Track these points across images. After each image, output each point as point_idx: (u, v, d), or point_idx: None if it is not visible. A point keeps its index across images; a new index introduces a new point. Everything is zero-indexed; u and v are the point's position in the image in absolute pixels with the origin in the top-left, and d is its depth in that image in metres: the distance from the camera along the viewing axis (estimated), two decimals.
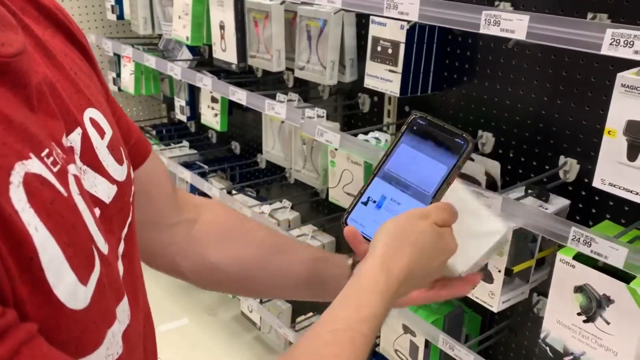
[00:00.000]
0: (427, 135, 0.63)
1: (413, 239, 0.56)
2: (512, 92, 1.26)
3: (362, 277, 0.54)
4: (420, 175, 0.63)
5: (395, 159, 0.65)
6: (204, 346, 2.19)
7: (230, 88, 1.54)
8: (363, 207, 0.65)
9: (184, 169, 1.94)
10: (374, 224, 0.61)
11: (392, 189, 0.64)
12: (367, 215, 0.64)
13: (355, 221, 0.65)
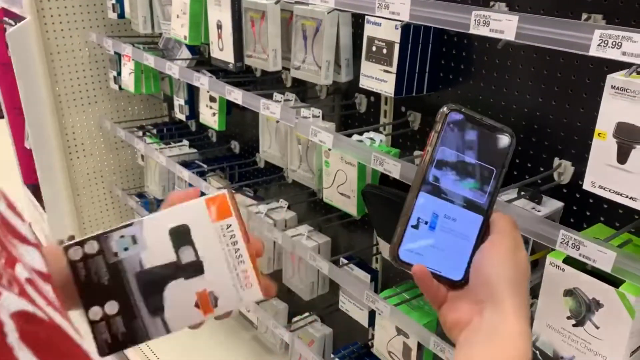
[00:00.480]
0: (467, 133, 0.56)
1: (524, 281, 0.54)
2: (507, 93, 1.25)
3: (505, 348, 0.50)
4: (469, 181, 0.56)
5: (438, 166, 0.56)
6: (202, 344, 2.20)
7: (226, 87, 1.54)
8: (414, 232, 0.56)
9: (183, 168, 1.95)
10: (434, 252, 0.56)
11: (442, 204, 0.56)
12: (421, 242, 0.56)
13: (411, 252, 0.56)
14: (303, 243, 1.48)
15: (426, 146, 0.56)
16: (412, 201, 0.56)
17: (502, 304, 0.51)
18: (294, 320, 1.82)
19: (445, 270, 0.56)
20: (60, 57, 2.31)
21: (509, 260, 0.53)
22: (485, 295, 0.52)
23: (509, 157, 0.56)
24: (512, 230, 0.55)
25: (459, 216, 0.56)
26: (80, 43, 2.32)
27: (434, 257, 0.55)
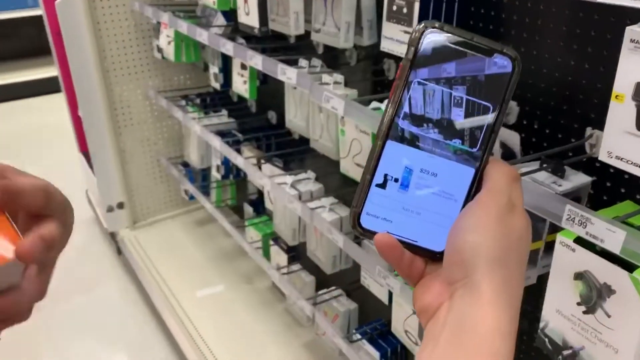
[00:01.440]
0: (451, 58, 0.43)
1: (517, 254, 0.41)
2: (537, 55, 1.13)
3: (474, 351, 0.38)
4: (456, 123, 0.43)
5: (412, 105, 0.43)
6: (236, 313, 2.22)
7: (248, 53, 1.50)
8: (380, 192, 0.44)
9: (215, 137, 1.94)
10: (407, 216, 0.44)
11: (418, 154, 0.44)
12: (390, 204, 0.44)
13: (376, 218, 0.44)
14: (321, 216, 1.43)
15: (395, 80, 0.44)
16: (376, 153, 0.43)
17: (477, 287, 0.39)
18: (320, 294, 1.79)
19: (422, 239, 0.44)
20: (107, 27, 2.35)
21: (496, 227, 0.40)
22: (459, 274, 0.40)
23: (510, 89, 0.44)
24: (507, 185, 0.43)
25: (441, 170, 0.44)
26: (125, 12, 2.36)
27: (407, 223, 0.44)
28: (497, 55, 0.43)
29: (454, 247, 0.41)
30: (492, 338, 0.38)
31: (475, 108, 0.44)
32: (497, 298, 0.39)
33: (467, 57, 0.43)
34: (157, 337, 2.29)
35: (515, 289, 0.41)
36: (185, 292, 2.35)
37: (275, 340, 2.04)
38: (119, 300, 2.54)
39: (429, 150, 0.44)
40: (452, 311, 0.40)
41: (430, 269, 0.45)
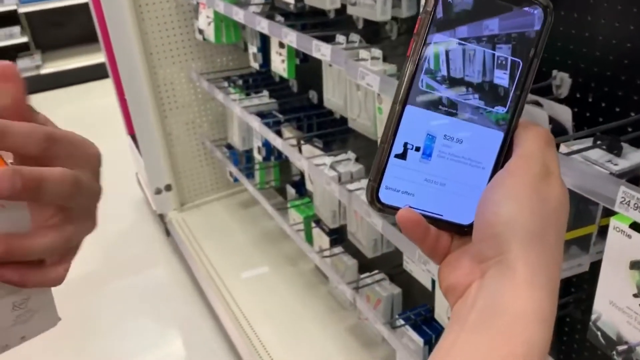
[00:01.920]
0: (474, 10, 0.38)
1: (554, 226, 0.36)
2: (592, 21, 1.03)
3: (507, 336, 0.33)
4: (481, 82, 0.39)
5: (433, 64, 0.39)
6: (280, 295, 2.21)
7: (283, 30, 1.45)
8: (400, 163, 0.39)
9: (255, 118, 1.91)
10: (430, 188, 0.39)
11: (441, 119, 0.39)
12: (411, 176, 0.40)
13: (396, 191, 0.40)
14: (361, 198, 1.38)
15: (413, 37, 0.39)
16: (395, 119, 0.39)
17: (511, 265, 0.34)
18: (362, 277, 1.74)
19: (448, 213, 0.40)
20: (148, 9, 2.35)
21: (531, 197, 0.35)
22: (491, 251, 0.35)
23: (542, 42, 0.39)
24: (539, 149, 0.37)
25: (466, 135, 0.39)
26: None
27: (431, 196, 0.39)
28: (526, 4, 0.38)
29: (484, 221, 0.36)
30: (527, 323, 0.33)
31: (502, 64, 0.39)
32: (533, 278, 0.34)
33: (492, 8, 0.38)
34: (204, 317, 2.32)
35: (554, 268, 0.36)
36: (230, 273, 2.36)
37: (318, 323, 2.02)
38: (168, 280, 2.58)
39: (453, 114, 0.39)
40: (482, 292, 0.35)
41: (456, 244, 0.41)
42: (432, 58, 0.39)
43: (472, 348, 0.33)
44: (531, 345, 0.33)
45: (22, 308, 0.44)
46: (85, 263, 2.77)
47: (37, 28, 5.24)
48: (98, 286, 2.55)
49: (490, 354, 0.32)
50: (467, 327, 0.34)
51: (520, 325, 0.33)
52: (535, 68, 0.39)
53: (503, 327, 0.33)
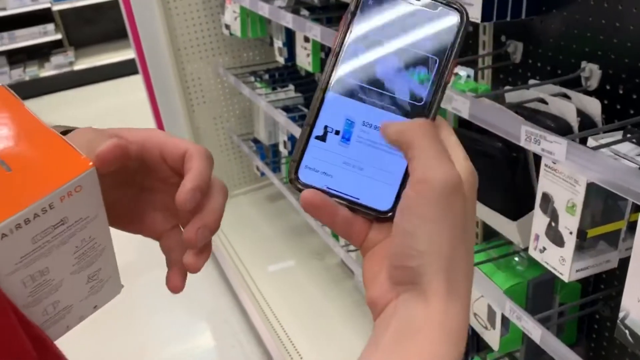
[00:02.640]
0: (396, 9, 0.41)
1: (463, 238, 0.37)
2: (622, 11, 0.99)
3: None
4: (399, 75, 0.41)
5: (352, 56, 0.41)
6: (306, 289, 2.22)
7: (307, 24, 1.45)
8: (320, 144, 0.41)
9: (280, 112, 1.91)
10: (349, 171, 0.41)
11: (360, 107, 0.41)
12: (330, 158, 0.41)
13: (315, 171, 0.41)
14: None
15: (339, 29, 0.42)
16: (317, 104, 0.41)
17: (423, 292, 0.35)
18: None
19: (365, 197, 0.41)
20: (176, 5, 2.38)
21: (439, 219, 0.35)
22: (405, 278, 0.36)
23: (458, 43, 0.41)
24: (437, 151, 0.36)
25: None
26: None
27: (349, 179, 0.41)
28: (442, 7, 0.41)
29: (400, 252, 0.37)
30: (435, 343, 0.35)
31: (419, 61, 0.41)
32: (442, 302, 0.35)
33: (411, 10, 0.41)
34: (231, 309, 2.35)
35: (463, 284, 0.37)
36: (257, 266, 2.38)
37: (344, 317, 2.02)
38: (197, 274, 2.61)
39: (371, 103, 0.41)
40: (395, 315, 0.37)
41: (376, 231, 0.41)
42: (353, 52, 0.41)
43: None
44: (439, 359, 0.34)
45: (95, 279, 0.47)
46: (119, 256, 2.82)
47: (71, 25, 5.36)
48: (130, 279, 2.60)
49: None
50: (380, 348, 0.36)
51: (429, 345, 0.34)
52: (452, 68, 0.41)
53: (413, 349, 0.35)
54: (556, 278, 1.19)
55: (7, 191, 0.37)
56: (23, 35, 4.93)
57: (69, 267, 0.43)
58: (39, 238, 0.39)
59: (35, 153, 0.40)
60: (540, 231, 0.92)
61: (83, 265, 0.45)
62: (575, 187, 0.82)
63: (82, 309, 0.49)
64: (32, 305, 0.42)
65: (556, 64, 1.17)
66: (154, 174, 0.47)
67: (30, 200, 0.37)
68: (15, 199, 0.37)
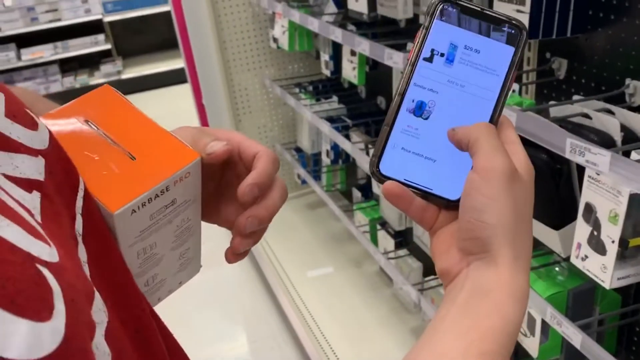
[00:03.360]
0: (464, 28, 0.48)
1: (525, 219, 0.43)
2: None
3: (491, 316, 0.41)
4: (466, 87, 0.48)
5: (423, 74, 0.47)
6: (345, 296, 2.27)
7: (356, 39, 1.52)
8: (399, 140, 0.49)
9: (325, 122, 1.99)
10: (423, 164, 0.48)
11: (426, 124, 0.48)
12: (407, 154, 0.48)
13: (391, 164, 0.48)
14: None
15: (413, 45, 0.49)
16: (395, 108, 0.48)
17: (495, 260, 0.42)
18: (427, 280, 1.78)
19: (437, 187, 0.47)
20: (227, 19, 2.49)
21: (504, 198, 0.42)
22: (476, 249, 0.43)
23: (518, 55, 0.47)
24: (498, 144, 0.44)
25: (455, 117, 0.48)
26: (244, 4, 2.48)
27: (423, 171, 0.47)
28: (506, 25, 0.47)
29: (469, 226, 0.43)
30: (503, 302, 0.41)
31: (485, 75, 0.47)
32: (510, 267, 0.42)
33: (479, 27, 0.47)
34: (271, 312, 2.42)
35: (525, 254, 0.43)
36: (297, 271, 2.44)
37: (382, 324, 2.07)
38: (238, 277, 2.71)
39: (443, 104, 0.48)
40: (468, 279, 0.43)
41: (444, 217, 0.48)
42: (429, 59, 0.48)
43: (460, 321, 0.41)
44: (507, 320, 0.41)
45: (184, 257, 0.55)
46: None
47: (119, 36, 5.59)
48: None
49: (474, 326, 0.40)
50: (456, 305, 0.42)
51: (499, 304, 0.41)
52: (512, 80, 0.48)
53: (485, 306, 0.41)
54: (596, 288, 1.22)
55: (135, 176, 0.45)
56: (76, 44, 5.17)
57: (169, 244, 0.50)
58: (155, 215, 0.46)
59: (152, 145, 0.48)
60: (583, 240, 0.96)
61: (179, 243, 0.52)
62: (618, 197, 0.86)
63: (171, 284, 0.56)
64: (139, 276, 0.50)
65: (600, 80, 1.21)
66: (231, 171, 0.54)
67: (153, 183, 0.45)
68: (141, 182, 0.45)
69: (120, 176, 0.45)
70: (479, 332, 0.40)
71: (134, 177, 0.45)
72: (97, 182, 0.43)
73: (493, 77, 0.47)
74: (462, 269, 0.44)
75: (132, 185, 0.44)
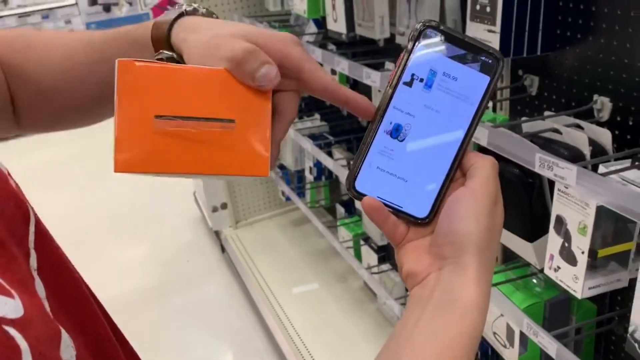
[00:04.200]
0: (444, 54, 0.50)
1: (496, 240, 0.47)
2: (630, 49, 1.08)
3: (456, 321, 0.43)
4: (442, 108, 0.50)
5: (402, 98, 0.50)
6: (330, 311, 2.28)
7: (335, 59, 1.55)
8: (374, 160, 0.51)
9: (307, 139, 2.01)
10: (395, 183, 0.50)
11: (410, 126, 0.51)
12: (381, 173, 0.50)
13: (366, 182, 0.51)
14: None
15: (395, 68, 0.51)
16: (372, 130, 0.50)
17: (466, 267, 0.44)
18: None
19: (407, 205, 0.50)
20: None
21: (486, 216, 0.45)
22: (451, 252, 0.45)
23: (494, 83, 0.50)
24: (494, 177, 0.48)
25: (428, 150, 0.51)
26: None
27: (395, 190, 0.50)
28: (484, 54, 0.50)
29: (449, 230, 0.46)
30: (473, 310, 0.43)
31: (462, 96, 0.50)
32: (479, 278, 0.45)
33: (459, 53, 0.50)
34: (256, 330, 2.42)
35: (490, 271, 0.47)
36: (282, 288, 2.45)
37: (367, 339, 2.08)
38: (223, 295, 2.70)
39: (418, 132, 0.50)
40: (440, 283, 0.45)
41: (412, 233, 0.50)
42: (409, 83, 0.50)
43: (432, 327, 0.43)
44: (474, 327, 0.43)
45: None
46: (147, 276, 2.94)
47: None
48: (158, 299, 2.70)
49: (446, 331, 0.42)
50: (427, 310, 0.44)
51: (469, 312, 0.43)
52: (486, 102, 0.50)
53: (456, 312, 0.43)
54: (572, 299, 1.25)
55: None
56: None
57: None
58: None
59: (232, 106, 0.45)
60: (555, 251, 0.99)
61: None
62: (586, 209, 0.90)
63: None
64: None
65: (570, 96, 1.25)
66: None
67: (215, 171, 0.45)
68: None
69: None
70: (450, 336, 0.42)
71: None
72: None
73: (467, 105, 0.50)
74: (432, 272, 0.46)
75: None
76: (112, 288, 2.77)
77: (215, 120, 0.44)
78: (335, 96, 0.50)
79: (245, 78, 0.45)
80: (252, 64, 0.44)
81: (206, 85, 0.44)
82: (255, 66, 0.45)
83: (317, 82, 0.49)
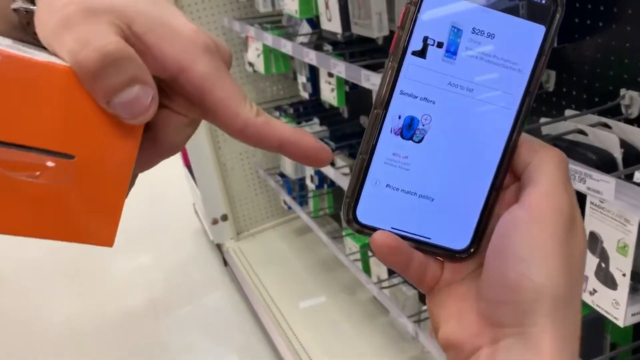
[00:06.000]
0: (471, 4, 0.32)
1: (580, 287, 0.31)
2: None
3: None
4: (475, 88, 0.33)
5: (412, 77, 0.33)
6: (339, 325, 2.17)
7: (331, 61, 1.44)
8: (380, 176, 0.34)
9: None
10: (416, 205, 0.34)
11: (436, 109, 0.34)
12: (393, 195, 0.34)
13: (377, 210, 0.34)
14: None
15: (397, 33, 0.33)
16: (373, 132, 0.33)
17: (535, 341, 0.29)
18: (424, 309, 1.68)
19: (436, 235, 0.34)
20: None
21: (560, 254, 0.29)
22: (510, 318, 0.29)
23: (548, 43, 0.33)
24: (565, 184, 0.31)
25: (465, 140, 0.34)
26: (217, 28, 2.39)
27: (416, 213, 0.34)
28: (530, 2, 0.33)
29: (505, 280, 0.30)
30: None
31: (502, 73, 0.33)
32: (561, 354, 0.29)
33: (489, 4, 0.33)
34: (261, 345, 2.30)
35: (575, 340, 0.30)
36: (286, 301, 2.34)
37: (378, 355, 1.96)
38: (226, 309, 2.59)
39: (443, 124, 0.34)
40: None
41: (449, 271, 0.34)
42: (421, 52, 0.33)
43: None
44: None
45: None
46: (147, 291, 2.83)
47: None
48: (159, 314, 2.59)
49: None
50: None
51: None
52: (542, 68, 0.34)
53: None
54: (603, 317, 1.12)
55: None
56: None
57: None
58: None
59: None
60: (590, 272, 0.87)
61: None
62: (626, 226, 0.77)
63: None
64: None
65: (592, 91, 1.13)
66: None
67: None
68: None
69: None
70: None
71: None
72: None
73: (513, 73, 0.33)
74: (483, 346, 0.31)
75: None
76: (112, 302, 2.67)
77: (44, 153, 0.26)
78: (262, 139, 0.31)
79: (97, 97, 0.26)
80: (110, 80, 0.25)
81: (40, 91, 0.25)
82: (116, 84, 0.25)
83: (229, 119, 0.30)
